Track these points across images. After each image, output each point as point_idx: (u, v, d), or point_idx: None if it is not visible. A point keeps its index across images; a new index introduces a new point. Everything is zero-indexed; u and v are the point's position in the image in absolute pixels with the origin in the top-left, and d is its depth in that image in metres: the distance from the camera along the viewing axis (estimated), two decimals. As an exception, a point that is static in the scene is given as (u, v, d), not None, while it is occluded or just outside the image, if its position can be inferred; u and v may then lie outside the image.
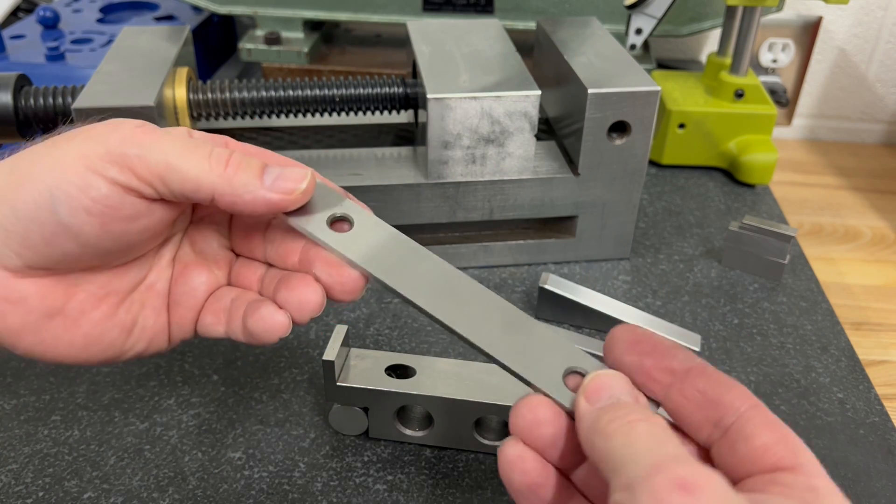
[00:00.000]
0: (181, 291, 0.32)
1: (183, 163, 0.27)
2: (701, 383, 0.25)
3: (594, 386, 0.26)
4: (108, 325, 0.30)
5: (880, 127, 0.91)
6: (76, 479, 0.39)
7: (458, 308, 0.29)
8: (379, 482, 0.39)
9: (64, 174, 0.27)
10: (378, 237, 0.30)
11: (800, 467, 0.23)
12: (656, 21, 0.65)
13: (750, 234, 0.54)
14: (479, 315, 0.29)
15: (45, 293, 0.28)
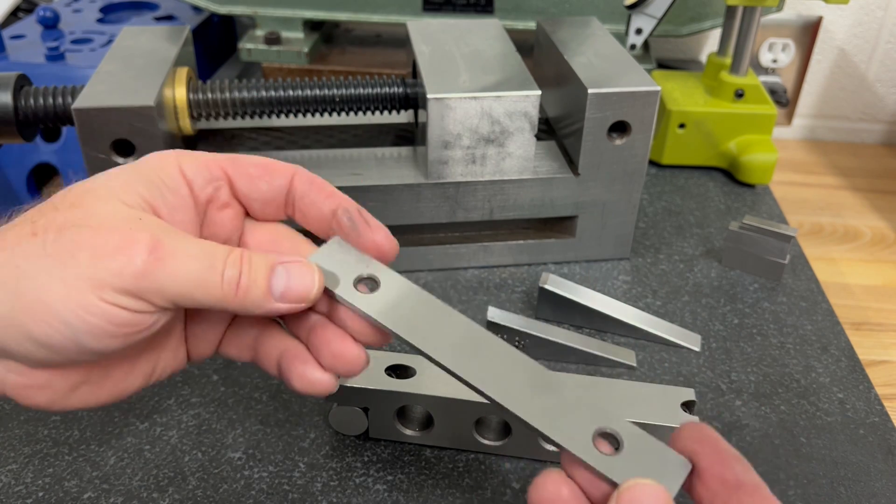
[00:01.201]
0: (197, 329, 0.32)
1: (197, 292, 0.28)
2: (748, 502, 0.24)
3: (629, 497, 0.25)
4: (130, 379, 0.31)
5: (880, 127, 0.91)
6: (76, 479, 0.39)
7: (484, 367, 0.29)
8: (379, 482, 0.39)
9: (80, 304, 0.26)
10: (403, 296, 0.31)
11: None
12: (656, 21, 0.65)
13: (750, 234, 0.54)
14: (505, 374, 0.29)
15: (66, 376, 0.29)
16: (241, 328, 0.33)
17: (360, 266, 0.31)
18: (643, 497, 0.25)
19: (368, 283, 0.31)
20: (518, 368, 0.29)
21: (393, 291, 0.31)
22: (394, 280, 0.31)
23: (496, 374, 0.29)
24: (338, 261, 0.31)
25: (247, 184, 0.32)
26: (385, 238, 0.32)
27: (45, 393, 0.29)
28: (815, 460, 0.41)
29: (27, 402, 0.29)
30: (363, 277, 0.31)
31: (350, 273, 0.31)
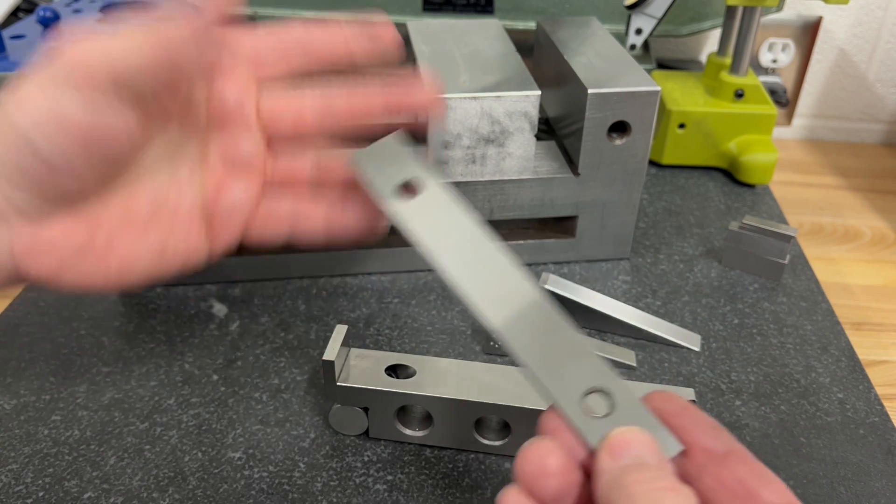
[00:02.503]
0: (219, 208, 0.32)
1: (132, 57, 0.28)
2: (740, 471, 0.24)
3: (619, 441, 0.24)
4: (137, 251, 0.31)
5: (880, 127, 0.91)
6: (76, 479, 0.39)
7: (504, 306, 0.27)
8: (379, 482, 0.39)
9: (30, 111, 0.27)
10: (441, 210, 0.29)
11: None
12: (656, 21, 0.65)
13: (750, 234, 0.54)
14: (520, 314, 0.27)
15: (69, 234, 0.29)
16: (274, 199, 0.33)
17: (408, 169, 0.30)
18: (634, 436, 0.24)
19: (410, 188, 0.30)
20: (527, 301, 0.27)
21: (432, 200, 0.30)
22: (436, 188, 0.30)
23: (499, 299, 0.27)
24: (389, 157, 0.30)
25: None
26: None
27: (52, 256, 0.29)
28: (814, 460, 0.41)
29: (36, 270, 0.29)
30: (406, 181, 0.30)
31: (396, 175, 0.30)
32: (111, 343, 0.48)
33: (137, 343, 0.48)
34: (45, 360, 0.47)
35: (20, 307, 0.51)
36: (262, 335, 0.49)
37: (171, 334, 0.49)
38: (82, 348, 0.48)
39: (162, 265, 0.32)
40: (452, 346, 0.48)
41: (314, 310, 0.51)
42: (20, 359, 0.47)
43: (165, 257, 0.31)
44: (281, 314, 0.51)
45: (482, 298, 0.28)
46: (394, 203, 0.29)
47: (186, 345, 0.48)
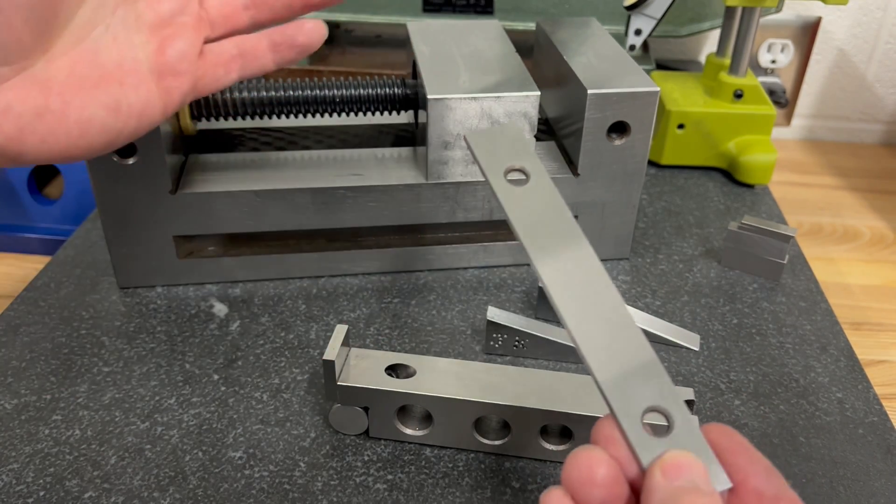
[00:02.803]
0: (165, 60, 0.34)
1: None
2: None
3: (673, 463, 0.24)
4: (92, 109, 0.32)
5: (879, 127, 0.91)
6: (77, 479, 0.39)
7: (580, 305, 0.27)
8: (379, 481, 0.40)
9: None
10: (545, 202, 0.30)
11: None
12: (656, 22, 0.65)
13: (749, 234, 0.54)
14: (595, 318, 0.27)
15: (23, 96, 0.30)
16: (217, 45, 0.36)
17: (520, 157, 0.31)
18: (688, 460, 0.24)
19: (517, 175, 0.30)
20: (610, 316, 0.27)
21: (537, 191, 0.30)
22: (542, 178, 0.30)
23: (588, 315, 0.27)
24: (503, 141, 0.31)
25: None
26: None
27: (10, 119, 0.30)
28: (814, 460, 0.41)
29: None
30: (514, 168, 0.30)
31: (507, 160, 0.31)
32: (112, 343, 0.48)
33: (138, 343, 0.48)
34: (46, 359, 0.47)
35: (21, 307, 0.51)
36: (263, 335, 0.49)
37: (171, 334, 0.49)
38: (83, 348, 0.48)
39: (119, 121, 0.33)
40: (452, 346, 0.49)
41: (314, 309, 0.51)
42: (21, 358, 0.47)
43: (121, 113, 0.33)
44: (281, 314, 0.51)
45: (564, 297, 0.28)
46: (501, 185, 0.30)
47: (187, 344, 0.48)
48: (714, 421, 0.43)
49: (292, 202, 0.50)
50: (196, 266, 0.52)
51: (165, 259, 0.51)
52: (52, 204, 0.74)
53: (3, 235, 0.73)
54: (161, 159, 0.47)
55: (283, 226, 0.51)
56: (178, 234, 0.51)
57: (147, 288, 0.53)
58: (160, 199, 0.49)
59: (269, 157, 0.54)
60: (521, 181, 0.30)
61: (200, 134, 0.57)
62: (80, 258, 0.56)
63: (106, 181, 0.47)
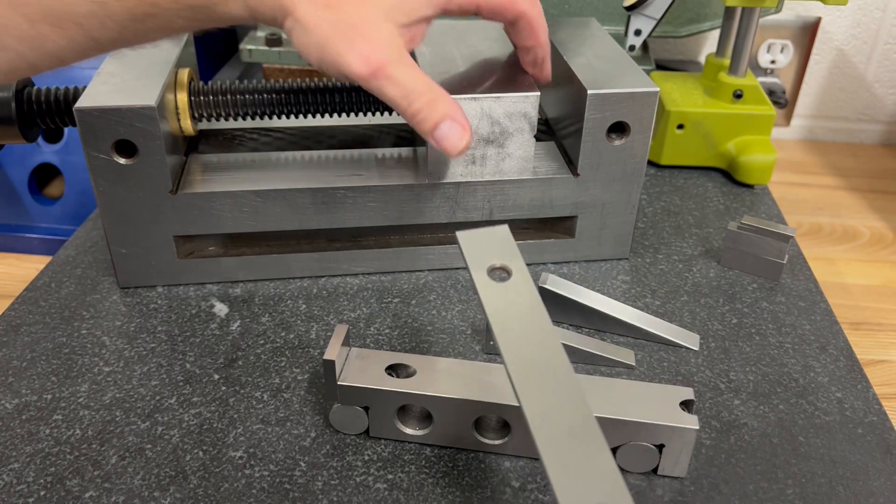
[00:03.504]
0: None
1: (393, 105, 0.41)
2: None
3: None
4: None
5: (879, 127, 0.91)
6: (78, 479, 0.39)
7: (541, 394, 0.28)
8: (379, 481, 0.40)
9: None
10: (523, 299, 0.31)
11: None
12: (655, 22, 0.65)
13: (748, 234, 0.54)
14: (555, 409, 0.28)
15: None
16: None
17: (501, 256, 0.32)
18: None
19: (500, 273, 0.32)
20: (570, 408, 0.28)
21: (517, 289, 0.31)
22: (524, 278, 0.32)
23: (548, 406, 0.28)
24: (487, 242, 0.33)
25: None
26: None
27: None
28: (813, 459, 0.42)
29: None
30: (496, 267, 0.32)
31: (492, 258, 0.32)
32: (112, 343, 0.48)
33: (139, 343, 0.48)
34: (47, 359, 0.47)
35: (21, 307, 0.51)
36: (263, 335, 0.49)
37: (172, 334, 0.49)
38: (84, 348, 0.48)
39: None
40: (452, 345, 0.49)
41: (315, 309, 0.51)
42: (22, 358, 0.47)
43: None
44: (282, 314, 0.51)
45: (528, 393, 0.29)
46: (482, 280, 0.31)
47: (187, 344, 0.48)
48: (714, 420, 0.43)
49: (292, 202, 0.50)
50: (196, 266, 0.52)
51: (166, 259, 0.51)
52: (52, 204, 0.74)
53: (3, 235, 0.73)
54: (161, 159, 0.47)
55: (283, 226, 0.51)
56: (179, 234, 0.51)
57: (147, 288, 0.53)
58: (161, 199, 0.49)
59: (269, 157, 0.54)
60: (503, 278, 0.31)
61: (200, 134, 0.57)
62: (80, 258, 0.56)
63: (106, 181, 0.47)
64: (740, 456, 0.41)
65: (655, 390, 0.40)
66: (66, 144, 0.72)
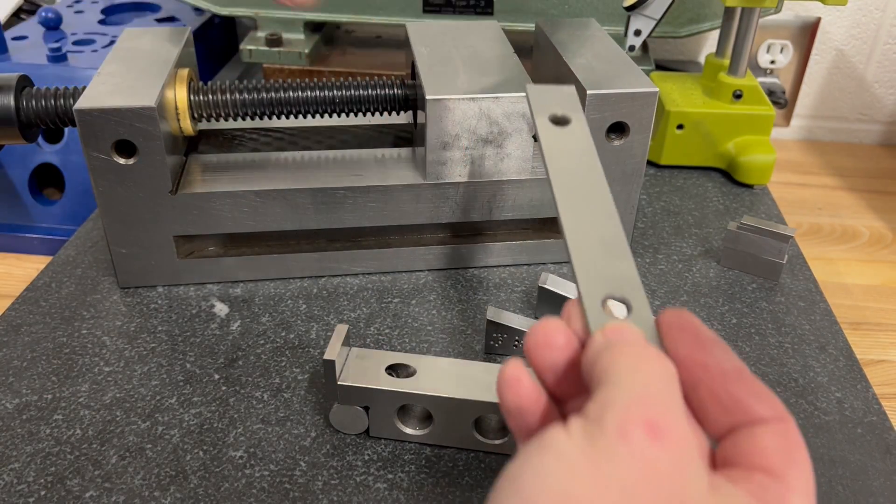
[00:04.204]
0: None
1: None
2: (735, 388, 0.23)
3: (613, 326, 0.25)
4: None
5: (878, 127, 0.91)
6: (78, 478, 0.39)
7: (579, 213, 0.31)
8: (379, 481, 0.40)
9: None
10: (577, 143, 0.33)
11: (784, 478, 0.22)
12: (655, 22, 0.65)
13: (748, 234, 0.54)
14: (590, 223, 0.30)
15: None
16: None
17: (562, 106, 0.35)
18: (629, 326, 0.25)
19: (560, 120, 0.34)
20: (603, 221, 0.30)
21: (573, 135, 0.34)
22: (581, 125, 0.34)
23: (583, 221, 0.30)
24: (555, 95, 0.35)
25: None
26: None
27: None
28: (812, 459, 0.41)
29: None
30: (558, 116, 0.34)
31: (554, 107, 0.35)
32: (113, 342, 0.48)
33: (139, 342, 0.48)
34: (47, 359, 0.47)
35: (22, 307, 0.51)
36: (263, 335, 0.49)
37: (172, 334, 0.49)
38: (84, 348, 0.48)
39: None
40: (452, 345, 0.49)
41: (315, 309, 0.51)
42: (22, 358, 0.47)
43: None
44: (282, 314, 0.51)
45: (567, 204, 0.31)
46: (544, 124, 0.34)
47: (188, 344, 0.48)
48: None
49: (292, 202, 0.50)
50: (196, 266, 0.53)
51: (166, 259, 0.52)
52: (52, 204, 0.74)
53: (3, 235, 0.73)
54: (161, 160, 0.47)
55: (283, 226, 0.51)
56: (179, 234, 0.51)
57: (148, 288, 0.53)
58: (160, 200, 0.49)
59: (269, 158, 0.54)
60: (562, 124, 0.34)
61: (200, 134, 0.57)
62: (80, 258, 0.56)
63: (106, 181, 0.47)
64: (740, 456, 0.41)
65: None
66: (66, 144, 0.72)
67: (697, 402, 0.24)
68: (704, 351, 0.24)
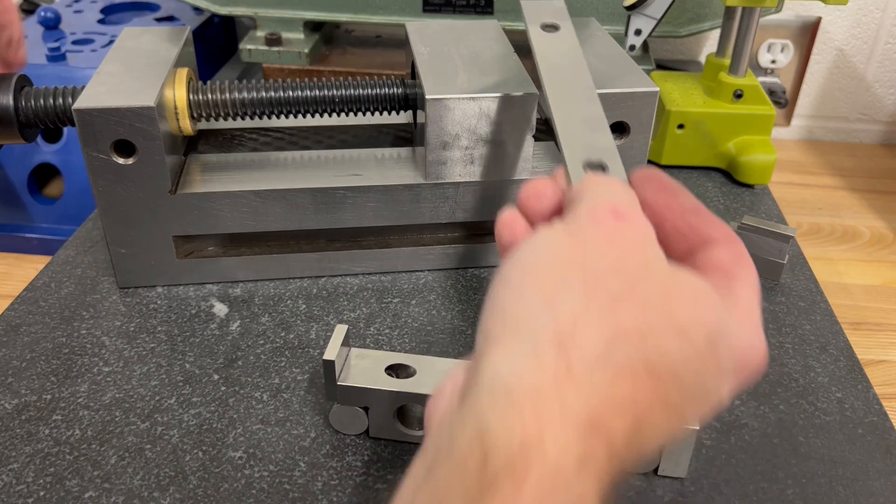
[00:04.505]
0: None
1: None
2: (692, 218, 0.28)
3: (592, 176, 0.30)
4: None
5: (878, 127, 0.91)
6: (77, 479, 0.39)
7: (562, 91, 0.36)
8: (379, 481, 0.40)
9: None
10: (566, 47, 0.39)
11: (733, 273, 0.27)
12: (655, 22, 0.65)
13: (749, 234, 0.54)
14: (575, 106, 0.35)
15: None
16: None
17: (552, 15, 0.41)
18: (608, 178, 0.30)
19: (550, 27, 0.40)
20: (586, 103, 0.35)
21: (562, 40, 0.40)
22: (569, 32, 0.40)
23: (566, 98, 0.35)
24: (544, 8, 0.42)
25: None
26: None
27: None
28: (813, 459, 0.41)
29: None
30: (548, 24, 0.40)
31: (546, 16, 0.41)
32: (112, 343, 0.48)
33: (138, 343, 0.48)
34: (47, 359, 0.47)
35: (21, 307, 0.51)
36: (263, 335, 0.49)
37: (171, 334, 0.49)
38: (83, 348, 0.48)
39: None
40: (452, 346, 0.49)
41: (314, 309, 0.51)
42: (21, 358, 0.47)
43: None
44: (281, 314, 0.51)
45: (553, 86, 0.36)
46: (536, 32, 0.39)
47: (187, 344, 0.48)
48: (714, 421, 0.43)
49: (292, 202, 0.50)
50: (196, 266, 0.52)
51: (165, 259, 0.51)
52: (52, 204, 0.74)
53: (3, 235, 0.73)
54: (161, 159, 0.47)
55: (283, 226, 0.51)
56: (178, 234, 0.51)
57: (147, 288, 0.53)
58: (160, 200, 0.49)
59: (268, 157, 0.54)
60: (551, 31, 0.39)
61: (200, 134, 0.57)
62: (80, 258, 0.56)
63: (106, 181, 0.47)
64: (740, 456, 0.41)
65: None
66: (65, 144, 0.72)
67: (663, 235, 0.28)
68: (669, 194, 0.29)
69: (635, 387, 0.23)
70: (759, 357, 0.26)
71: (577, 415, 0.21)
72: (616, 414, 0.22)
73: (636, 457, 0.23)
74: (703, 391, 0.25)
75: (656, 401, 0.23)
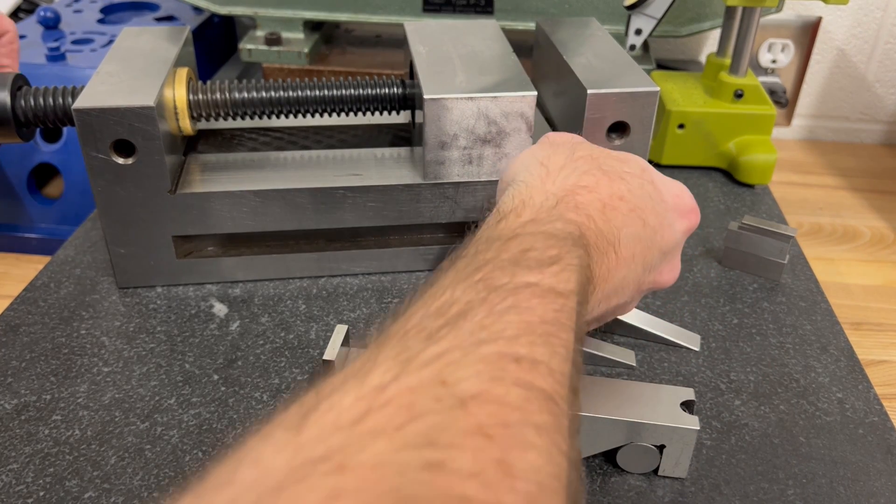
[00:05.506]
0: None
1: None
2: None
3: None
4: None
5: (879, 127, 0.91)
6: (77, 479, 0.39)
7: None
8: (379, 482, 0.39)
9: None
10: None
11: None
12: (656, 21, 0.65)
13: (749, 234, 0.54)
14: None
15: None
16: None
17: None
18: None
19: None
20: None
21: None
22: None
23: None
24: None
25: None
26: None
27: None
28: (814, 460, 0.41)
29: None
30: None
31: None
32: (112, 343, 0.48)
33: (138, 343, 0.48)
34: (46, 359, 0.47)
35: (20, 307, 0.51)
36: (263, 335, 0.49)
37: (171, 334, 0.49)
38: (83, 348, 0.48)
39: None
40: (452, 345, 0.48)
41: (314, 310, 0.51)
42: (21, 358, 0.47)
43: None
44: (281, 314, 0.51)
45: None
46: None
47: (187, 345, 0.48)
48: (714, 421, 0.43)
49: (292, 202, 0.50)
50: (196, 266, 0.52)
51: (165, 259, 0.51)
52: (51, 204, 0.74)
53: (2, 235, 0.73)
54: (160, 159, 0.47)
55: (282, 226, 0.51)
56: (178, 234, 0.51)
57: (147, 288, 0.53)
58: (159, 199, 0.49)
59: (268, 157, 0.54)
60: None
61: (200, 134, 0.57)
62: (79, 258, 0.56)
63: (105, 181, 0.47)
64: (741, 456, 0.41)
65: (656, 391, 0.40)
66: (65, 144, 0.72)
67: None
68: None
69: (596, 179, 0.37)
70: (687, 202, 0.40)
71: (555, 191, 0.36)
72: (583, 191, 0.36)
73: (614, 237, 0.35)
74: (652, 204, 0.37)
75: (615, 194, 0.36)
